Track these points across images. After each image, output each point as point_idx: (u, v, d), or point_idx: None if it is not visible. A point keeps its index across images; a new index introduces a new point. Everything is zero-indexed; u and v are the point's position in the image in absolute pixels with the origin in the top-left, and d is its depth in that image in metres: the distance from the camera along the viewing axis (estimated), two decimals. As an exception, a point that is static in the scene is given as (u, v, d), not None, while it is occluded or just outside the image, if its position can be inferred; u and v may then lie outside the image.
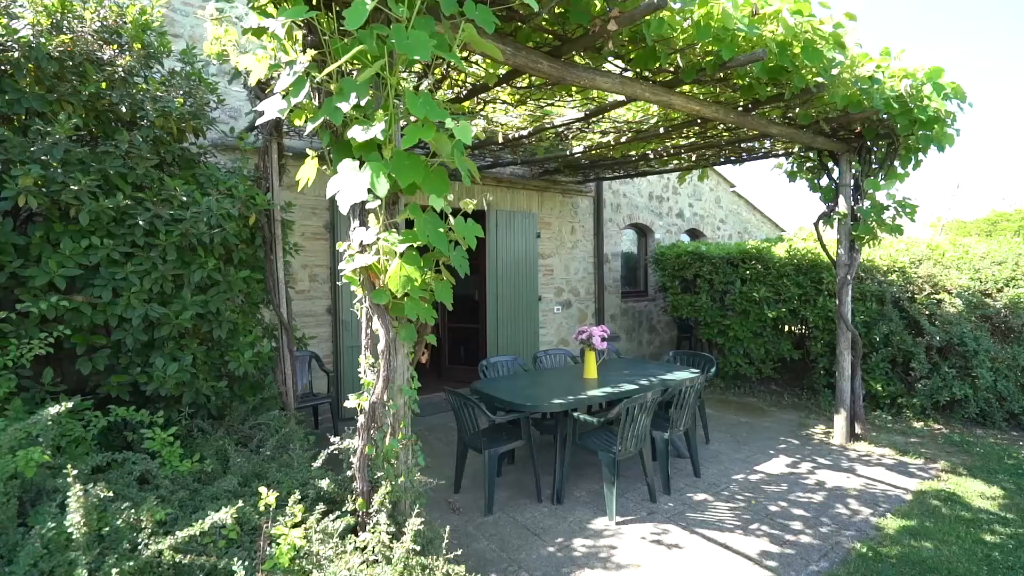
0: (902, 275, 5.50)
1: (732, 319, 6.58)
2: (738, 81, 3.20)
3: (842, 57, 2.95)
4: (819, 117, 3.82)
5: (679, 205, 9.13)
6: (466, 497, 3.61)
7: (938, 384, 5.14)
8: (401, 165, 1.66)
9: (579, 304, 7.49)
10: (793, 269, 6.07)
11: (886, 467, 4.18)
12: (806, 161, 4.98)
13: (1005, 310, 5.12)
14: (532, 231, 6.76)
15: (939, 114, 3.78)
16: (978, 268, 5.40)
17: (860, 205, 4.54)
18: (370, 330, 2.00)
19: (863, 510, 3.44)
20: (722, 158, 5.50)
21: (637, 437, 3.41)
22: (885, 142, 4.33)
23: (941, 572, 2.72)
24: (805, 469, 4.14)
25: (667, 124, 4.10)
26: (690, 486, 3.81)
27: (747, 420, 5.46)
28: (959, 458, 4.34)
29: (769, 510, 3.45)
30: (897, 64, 3.58)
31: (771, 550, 2.95)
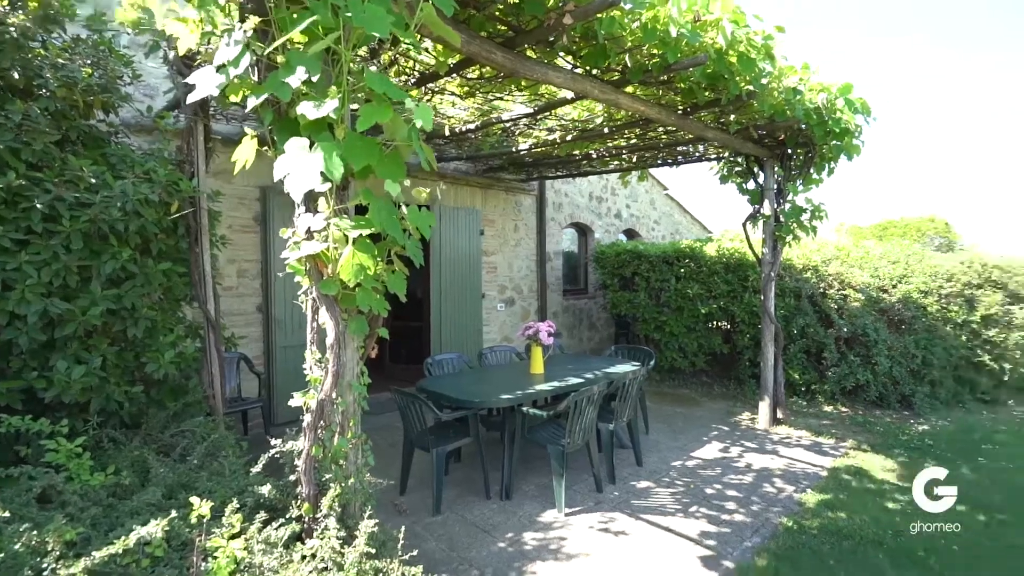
0: (815, 273, 6.03)
1: (668, 315, 6.90)
2: (680, 84, 3.34)
3: (771, 68, 3.17)
4: (749, 124, 4.08)
5: (617, 206, 9.45)
6: (413, 498, 3.51)
7: (845, 371, 5.69)
8: (354, 147, 1.56)
9: (522, 302, 7.54)
10: (722, 267, 6.46)
11: (804, 447, 4.56)
12: (736, 166, 5.31)
13: (899, 304, 5.75)
14: (476, 228, 6.71)
15: (849, 126, 4.17)
16: (877, 267, 6.03)
17: (782, 208, 4.92)
18: (316, 323, 1.88)
19: (787, 488, 3.73)
20: (660, 160, 5.74)
21: (585, 429, 3.47)
22: (804, 150, 4.72)
23: (855, 539, 3.00)
24: (735, 453, 4.42)
25: (611, 124, 4.22)
26: (633, 475, 3.94)
27: (682, 410, 5.75)
28: (863, 436, 4.82)
29: (706, 493, 3.64)
30: (816, 78, 3.90)
31: (710, 530, 3.12)
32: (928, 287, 5.82)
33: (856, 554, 2.86)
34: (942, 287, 5.89)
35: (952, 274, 5.98)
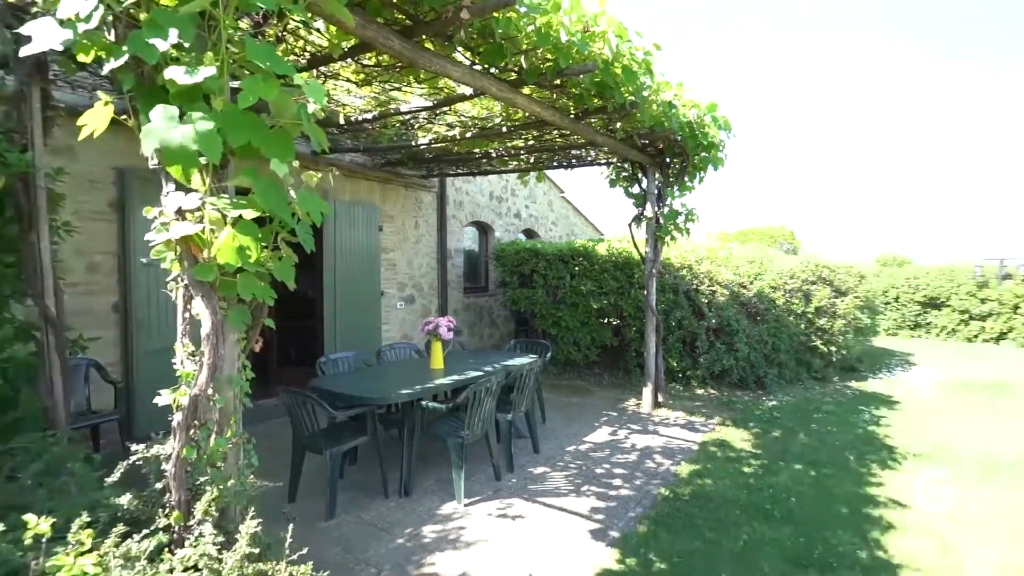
0: (690, 271, 6.74)
1: (564, 311, 7.26)
2: (572, 90, 3.55)
3: (650, 82, 3.50)
4: (633, 132, 4.46)
5: (517, 206, 9.72)
6: (304, 505, 3.32)
7: (714, 358, 6.44)
8: (235, 121, 1.45)
9: (422, 299, 7.45)
10: (612, 265, 6.96)
11: (680, 426, 5.08)
12: (623, 171, 5.76)
13: (755, 298, 6.65)
14: (374, 224, 6.49)
15: (715, 140, 4.74)
16: (738, 266, 6.91)
17: (662, 211, 5.43)
18: (188, 313, 1.71)
19: (665, 462, 4.13)
20: (555, 162, 6.03)
21: (484, 420, 3.55)
22: (679, 159, 5.26)
23: (718, 500, 3.43)
24: (622, 435, 4.79)
25: (510, 123, 4.35)
26: (531, 462, 4.10)
27: (577, 399, 6.09)
28: (727, 414, 5.50)
29: (596, 473, 3.91)
30: (689, 95, 4.38)
31: (599, 505, 3.36)
32: (776, 283, 6.80)
33: (719, 512, 3.27)
34: (787, 283, 6.91)
35: (794, 272, 7.04)
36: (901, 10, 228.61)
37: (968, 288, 11.91)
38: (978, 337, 11.73)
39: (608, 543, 2.91)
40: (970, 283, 11.90)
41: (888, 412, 5.67)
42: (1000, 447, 4.55)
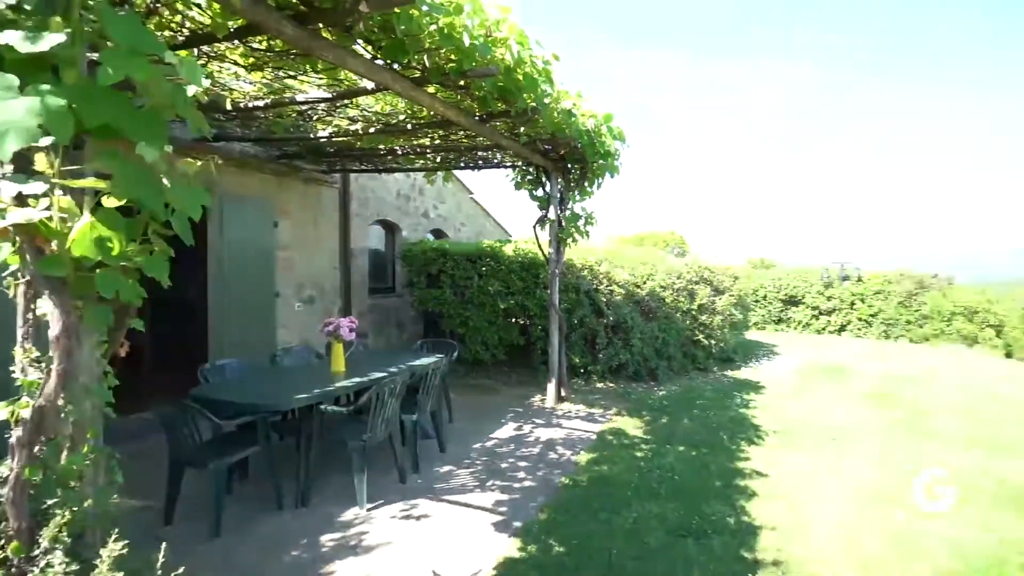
0: (590, 271, 7.13)
1: (472, 311, 7.31)
2: (476, 92, 3.61)
3: (551, 90, 3.67)
4: (536, 137, 4.64)
5: (424, 205, 9.60)
6: (184, 527, 3.01)
7: (612, 353, 6.88)
8: (91, 97, 1.30)
9: (324, 301, 7.08)
10: (519, 266, 7.15)
11: (581, 418, 5.37)
12: (527, 174, 5.95)
13: (647, 296, 7.21)
14: (268, 220, 6.05)
15: (611, 149, 5.08)
16: (633, 267, 7.45)
17: (564, 214, 5.70)
18: (32, 314, 1.49)
19: (566, 452, 4.35)
20: (463, 163, 6.07)
21: (387, 422, 3.48)
22: (579, 166, 5.56)
23: (613, 483, 3.69)
24: (527, 430, 4.95)
25: (415, 121, 4.30)
26: (437, 461, 4.09)
27: (484, 398, 6.17)
28: (623, 405, 5.91)
29: (501, 467, 4.00)
30: (587, 105, 4.65)
31: (503, 499, 3.45)
32: (666, 283, 7.43)
33: (613, 495, 3.52)
34: (675, 283, 7.58)
35: (681, 273, 7.75)
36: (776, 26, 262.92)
37: (818, 288, 13.93)
38: (825, 329, 13.76)
39: (511, 533, 3.00)
40: (819, 283, 13.93)
41: (756, 396, 6.45)
42: (838, 419, 5.39)
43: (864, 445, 4.63)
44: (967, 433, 5.02)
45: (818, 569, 2.69)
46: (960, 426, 5.25)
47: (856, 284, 13.55)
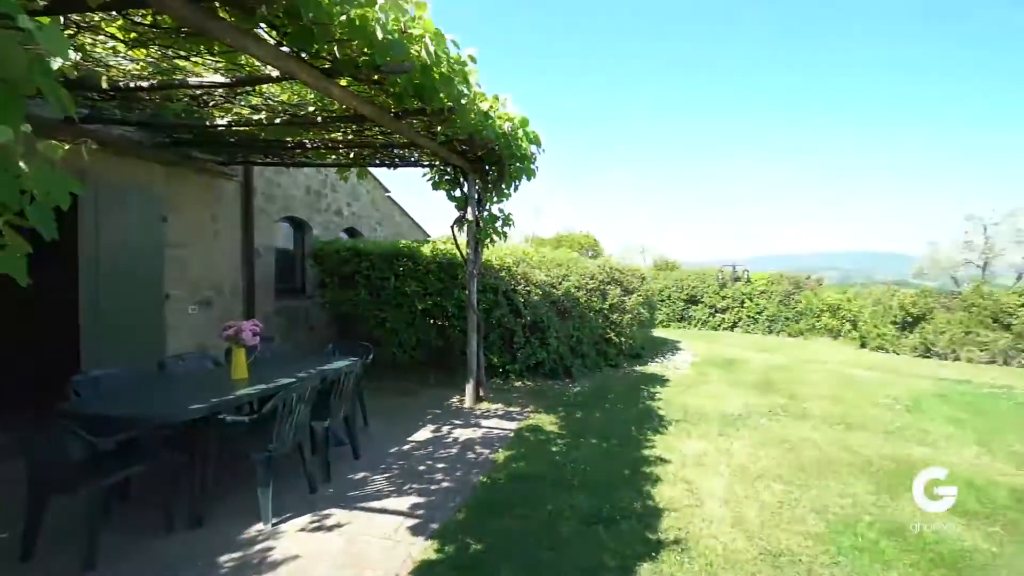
0: (508, 272, 7.25)
1: (388, 312, 7.12)
2: (392, 88, 3.53)
3: (468, 91, 3.69)
4: (453, 138, 4.63)
5: (338, 203, 9.19)
6: (48, 562, 2.63)
7: (529, 352, 7.04)
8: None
9: (223, 303, 6.52)
10: (437, 266, 7.08)
11: (499, 417, 5.44)
12: (445, 174, 5.92)
13: (563, 296, 7.47)
14: (155, 214, 5.45)
15: (527, 153, 5.20)
16: (550, 268, 7.69)
17: (482, 215, 5.74)
18: None
19: (485, 451, 4.38)
20: (378, 160, 5.89)
21: (296, 430, 3.29)
22: (497, 167, 5.63)
23: (530, 479, 3.78)
24: (446, 431, 4.93)
25: (325, 114, 4.11)
26: (351, 468, 3.94)
27: (402, 401, 6.03)
28: (540, 402, 6.08)
29: (419, 470, 3.94)
30: (504, 109, 4.72)
31: (420, 501, 3.40)
32: (580, 284, 7.76)
33: (530, 490, 3.61)
34: (588, 284, 7.93)
35: (594, 274, 8.13)
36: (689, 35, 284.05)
37: (714, 288, 15.28)
38: (721, 325, 15.14)
39: (428, 536, 2.97)
40: (715, 284, 15.29)
41: (661, 389, 6.94)
42: (730, 407, 5.96)
43: (750, 428, 5.16)
44: (831, 413, 5.78)
45: (711, 543, 2.96)
46: (826, 408, 6.03)
47: (745, 285, 15.04)
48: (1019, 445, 4.80)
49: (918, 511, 3.39)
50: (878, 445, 4.71)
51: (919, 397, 6.63)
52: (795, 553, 2.87)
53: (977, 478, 3.96)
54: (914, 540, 3.02)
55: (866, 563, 2.78)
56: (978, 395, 6.87)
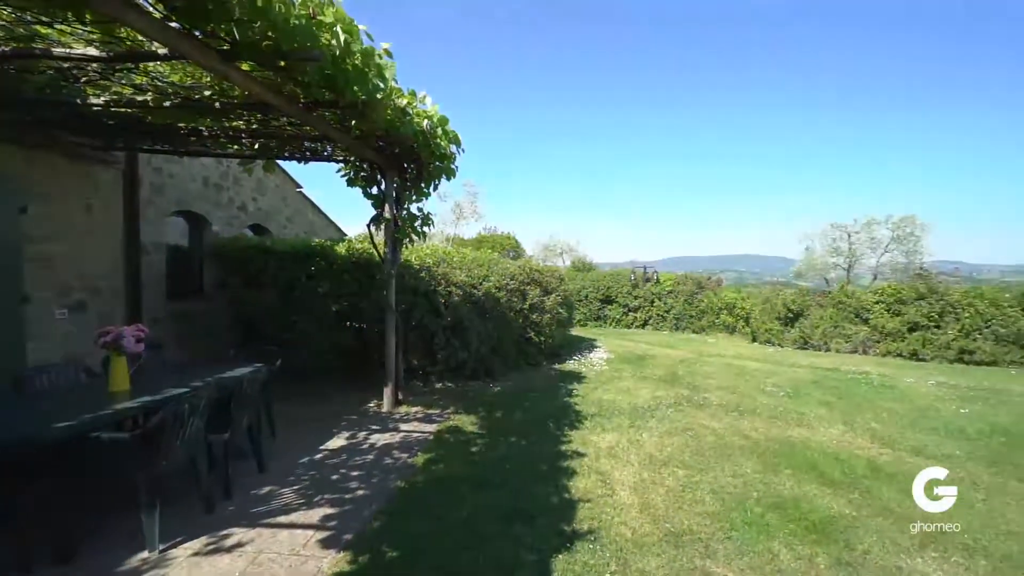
0: (429, 272, 7.13)
1: (299, 315, 6.70)
2: (301, 77, 3.33)
3: (383, 85, 3.58)
4: (369, 133, 4.46)
5: (241, 197, 8.50)
6: None
7: (450, 353, 6.97)
8: None
9: (101, 307, 5.76)
10: (352, 265, 6.79)
11: (419, 420, 5.33)
12: (361, 170, 5.69)
13: (484, 297, 7.50)
14: (10, 203, 4.69)
15: (446, 152, 5.15)
16: (471, 268, 7.68)
17: (400, 213, 5.60)
18: None
19: (403, 456, 4.28)
20: (287, 152, 5.53)
21: (188, 445, 2.99)
22: (416, 166, 5.52)
23: (449, 480, 3.75)
24: (362, 437, 4.74)
25: (225, 100, 3.78)
26: (256, 483, 3.66)
27: (315, 408, 5.71)
28: (461, 403, 6.05)
29: (332, 480, 3.76)
30: (422, 106, 4.64)
31: (333, 512, 3.24)
32: (500, 284, 7.83)
33: (449, 491, 3.57)
34: (508, 284, 8.03)
35: (514, 275, 8.24)
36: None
37: (627, 288, 16.16)
38: (633, 324, 16.04)
39: (341, 547, 2.84)
40: (628, 284, 16.17)
41: (578, 385, 7.19)
42: (640, 400, 6.33)
43: (658, 419, 5.52)
44: (726, 402, 6.34)
45: (621, 529, 3.12)
46: (722, 397, 6.61)
47: (655, 286, 16.07)
48: (875, 423, 5.58)
49: (793, 485, 3.82)
50: (765, 428, 5.25)
51: (798, 384, 7.48)
52: (695, 532, 3.11)
53: (842, 453, 4.55)
54: (792, 511, 3.39)
55: (754, 535, 3.08)
56: (843, 380, 7.89)
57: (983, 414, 5.99)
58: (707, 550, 2.92)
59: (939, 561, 2.89)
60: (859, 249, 22.85)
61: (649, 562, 2.79)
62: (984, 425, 5.51)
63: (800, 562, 2.83)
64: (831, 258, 23.64)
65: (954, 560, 2.90)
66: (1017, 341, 10.16)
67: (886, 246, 22.43)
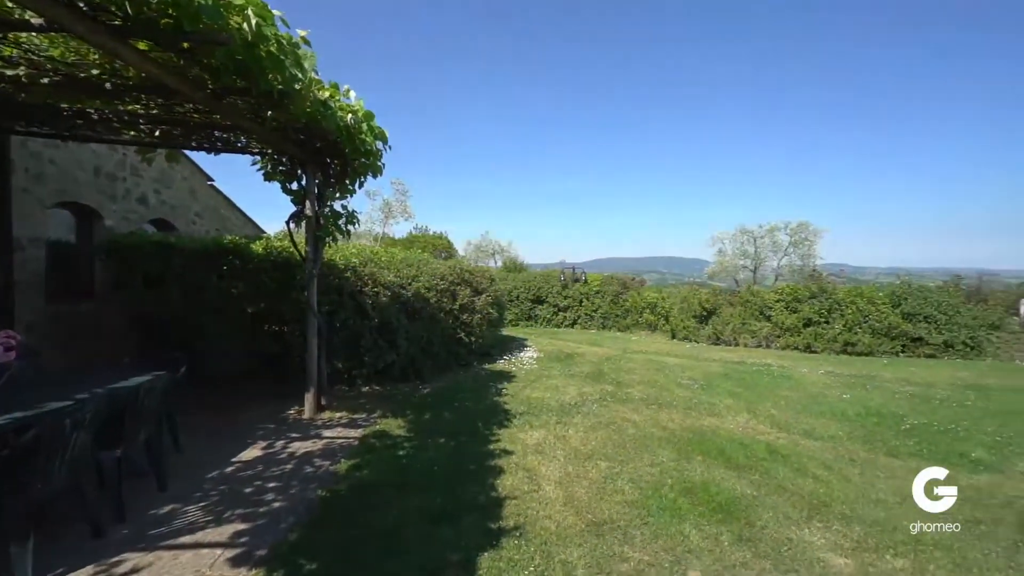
0: (354, 272, 6.88)
1: (209, 317, 6.21)
2: (208, 61, 3.09)
3: (302, 76, 3.41)
4: (287, 125, 4.23)
5: (141, 189, 7.72)
6: None
7: (377, 355, 6.78)
8: None
9: (-38, 310, 4.99)
10: (270, 265, 6.40)
11: (343, 426, 5.13)
12: (280, 164, 5.38)
13: (413, 297, 7.36)
14: None
15: (372, 149, 5.00)
16: (399, 269, 7.51)
17: (323, 211, 5.36)
18: None
19: (325, 463, 4.10)
20: (194, 142, 5.10)
21: (70, 464, 2.67)
22: (339, 161, 5.31)
23: (375, 486, 3.65)
24: (280, 446, 4.48)
25: (117, 81, 3.41)
26: (155, 502, 3.34)
27: (228, 417, 5.31)
28: (388, 406, 5.90)
29: (244, 493, 3.52)
30: (346, 100, 4.47)
31: (245, 527, 3.04)
32: (430, 285, 7.73)
33: (376, 497, 3.48)
34: (438, 285, 7.95)
35: (444, 275, 8.17)
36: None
37: (557, 288, 16.57)
38: (563, 323, 16.47)
39: (253, 564, 2.67)
40: (558, 284, 16.58)
41: (508, 384, 7.27)
42: (567, 397, 6.52)
43: (583, 415, 5.71)
44: (647, 395, 6.70)
45: (546, 523, 3.20)
46: (643, 391, 6.97)
47: (584, 286, 16.61)
48: (774, 410, 6.15)
49: (703, 471, 4.12)
50: (680, 419, 5.61)
51: (710, 377, 8.06)
52: (615, 521, 3.26)
53: (746, 438, 4.97)
54: (701, 494, 3.65)
55: (667, 519, 3.28)
56: (749, 372, 8.61)
57: (860, 398, 6.80)
58: (625, 536, 3.07)
59: (822, 530, 3.24)
60: (763, 252, 25.08)
61: (571, 552, 2.88)
62: (861, 408, 6.25)
63: (707, 541, 3.06)
64: (740, 260, 25.73)
65: (835, 528, 3.27)
66: (888, 334, 11.62)
67: (785, 249, 24.79)
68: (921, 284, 12.41)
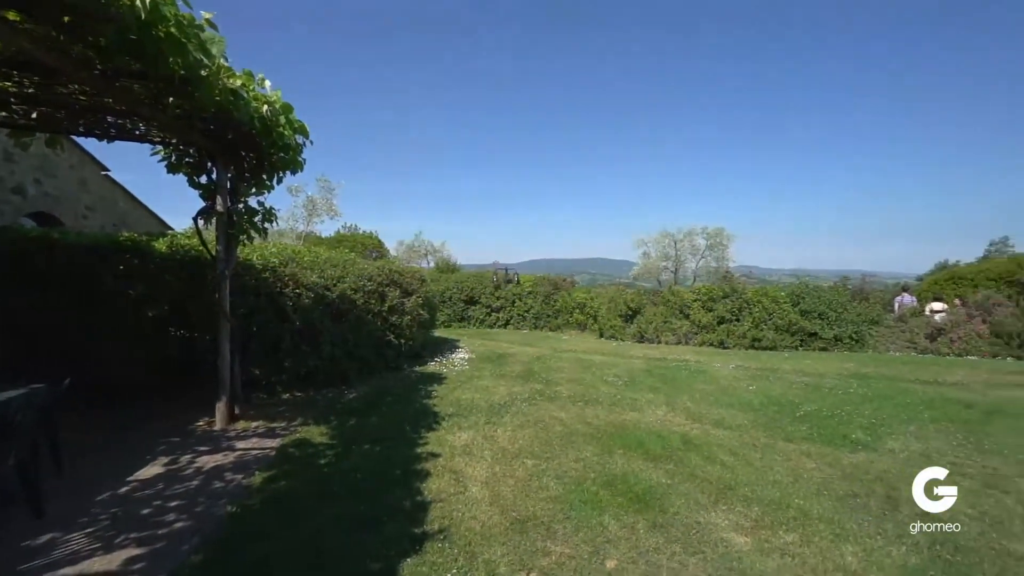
0: (273, 273, 6.51)
1: (103, 322, 5.59)
2: (95, 39, 2.79)
3: (208, 61, 3.18)
4: (193, 113, 3.92)
5: (17, 178, 6.81)
6: None
7: (299, 360, 6.45)
8: None
9: None
10: (176, 265, 5.89)
11: (259, 436, 4.83)
12: (186, 156, 4.97)
13: (338, 299, 7.08)
14: None
15: (291, 143, 4.76)
16: (323, 269, 7.19)
17: (237, 207, 5.02)
18: None
19: (237, 477, 3.84)
20: (81, 126, 4.58)
21: (-82, 494, 2.31)
22: (255, 155, 5.00)
23: (293, 498, 3.47)
24: (185, 461, 4.14)
25: (-19, 54, 2.99)
26: (30, 531, 2.96)
27: (125, 433, 4.81)
28: (311, 413, 5.63)
29: (141, 515, 3.22)
30: (262, 90, 4.22)
31: (139, 553, 2.78)
32: (357, 286, 7.47)
33: (293, 509, 3.31)
34: (366, 286, 7.70)
35: (372, 276, 7.93)
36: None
37: (490, 289, 16.63)
38: (496, 324, 16.56)
39: (149, 592, 2.45)
40: (491, 285, 16.66)
41: (438, 387, 7.19)
42: (497, 397, 6.56)
43: (512, 414, 5.78)
44: (574, 393, 6.90)
45: (471, 524, 3.21)
46: (571, 389, 7.18)
47: (516, 286, 16.80)
48: (690, 402, 6.57)
49: (624, 463, 4.32)
50: (604, 415, 5.84)
51: (633, 374, 8.46)
52: (539, 517, 3.33)
53: (663, 430, 5.27)
54: (621, 486, 3.83)
55: (588, 512, 3.41)
56: (669, 368, 9.14)
57: (764, 389, 7.44)
58: (548, 532, 3.15)
59: (727, 512, 3.51)
60: (683, 255, 26.74)
61: (495, 551, 2.91)
62: (764, 398, 6.85)
63: (625, 529, 3.21)
64: (662, 263, 27.24)
65: (737, 510, 3.55)
66: (788, 330, 12.82)
67: (703, 252, 26.60)
68: (816, 284, 13.80)
